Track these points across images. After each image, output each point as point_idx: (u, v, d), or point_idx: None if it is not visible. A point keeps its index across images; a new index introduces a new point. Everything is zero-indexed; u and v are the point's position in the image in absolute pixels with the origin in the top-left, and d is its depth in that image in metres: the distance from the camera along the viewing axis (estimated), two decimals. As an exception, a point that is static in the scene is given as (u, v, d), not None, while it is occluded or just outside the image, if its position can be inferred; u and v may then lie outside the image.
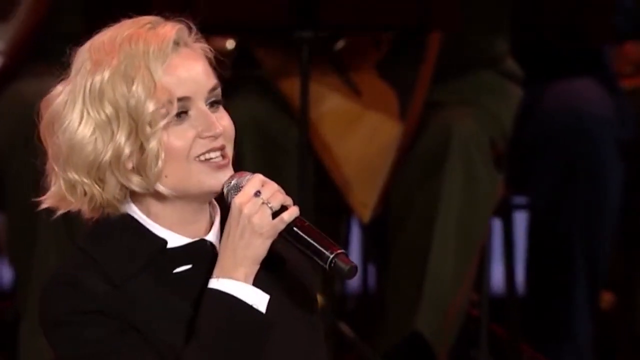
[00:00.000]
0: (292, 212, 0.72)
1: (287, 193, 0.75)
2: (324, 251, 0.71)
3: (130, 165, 0.72)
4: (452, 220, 2.71)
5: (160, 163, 0.70)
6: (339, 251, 0.71)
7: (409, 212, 2.78)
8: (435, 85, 2.82)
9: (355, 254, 3.32)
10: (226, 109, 0.79)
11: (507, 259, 3.07)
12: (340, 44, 2.84)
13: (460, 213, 2.72)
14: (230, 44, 2.88)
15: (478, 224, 2.79)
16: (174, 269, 0.74)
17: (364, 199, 2.78)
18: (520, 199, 3.20)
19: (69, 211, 0.77)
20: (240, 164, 2.75)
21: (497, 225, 3.07)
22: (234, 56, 2.88)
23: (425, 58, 2.79)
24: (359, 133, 2.80)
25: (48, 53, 2.48)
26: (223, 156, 0.75)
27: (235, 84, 2.73)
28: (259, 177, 0.74)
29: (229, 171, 0.76)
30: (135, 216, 0.75)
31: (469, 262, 2.78)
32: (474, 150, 2.75)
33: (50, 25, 2.68)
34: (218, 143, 0.74)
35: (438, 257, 2.69)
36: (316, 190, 2.67)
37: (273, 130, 2.79)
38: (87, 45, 0.74)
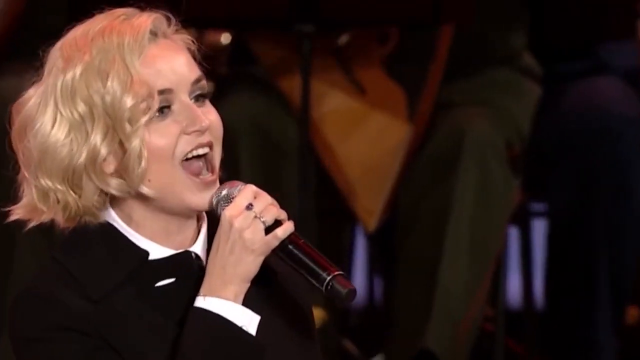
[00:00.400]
0: (287, 228, 0.71)
1: (287, 198, 0.74)
2: (321, 272, 0.70)
3: (110, 168, 0.71)
4: (464, 229, 2.69)
5: (144, 163, 0.70)
6: (336, 272, 0.70)
7: (418, 220, 2.77)
8: (446, 84, 2.81)
9: (359, 264, 3.31)
10: (218, 108, 0.79)
11: (524, 270, 3.05)
12: (343, 39, 2.84)
13: (474, 221, 2.70)
14: (225, 38, 2.89)
15: (493, 232, 2.77)
16: (156, 282, 0.73)
17: (369, 205, 2.77)
18: (538, 206, 3.18)
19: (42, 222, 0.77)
20: (236, 168, 2.76)
21: (513, 233, 3.06)
22: (229, 51, 2.89)
23: (436, 54, 2.79)
24: (364, 134, 2.79)
25: (28, 50, 2.48)
26: (211, 168, 0.75)
27: (230, 81, 2.74)
28: (251, 188, 0.74)
29: (216, 187, 0.75)
30: (116, 224, 0.74)
31: (483, 273, 2.76)
32: (488, 153, 2.74)
33: (30, 21, 2.70)
34: (205, 139, 0.73)
35: (449, 268, 2.67)
36: (318, 195, 2.66)
37: (271, 131, 2.78)
38: (59, 43, 0.74)
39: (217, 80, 2.75)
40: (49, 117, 0.70)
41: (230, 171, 0.71)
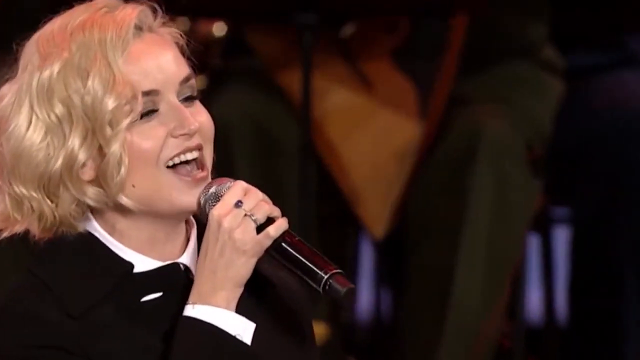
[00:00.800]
0: (280, 225, 0.71)
1: (286, 202, 0.74)
2: (317, 271, 0.70)
3: (88, 175, 0.71)
4: (480, 236, 2.69)
5: (123, 170, 0.69)
6: (334, 271, 0.70)
7: (430, 227, 2.76)
8: (461, 78, 2.80)
9: (365, 275, 3.30)
10: (212, 104, 0.78)
11: (545, 281, 3.04)
12: (348, 30, 2.84)
13: (490, 228, 2.69)
14: (219, 29, 2.88)
15: (511, 240, 2.76)
16: (142, 297, 0.73)
17: (376, 210, 2.77)
18: (561, 211, 3.18)
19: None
20: (230, 169, 2.75)
21: (533, 241, 3.05)
22: (223, 44, 2.88)
23: (449, 46, 2.78)
24: (370, 133, 2.79)
25: (5, 40, 2.49)
26: (200, 166, 0.74)
27: (225, 76, 2.74)
28: (240, 185, 0.73)
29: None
30: (97, 235, 0.74)
31: (500, 285, 2.75)
32: (505, 155, 2.73)
33: (6, 9, 2.70)
34: (193, 142, 0.73)
35: (464, 279, 2.67)
36: (319, 199, 2.66)
37: (269, 129, 2.78)
38: (35, 37, 0.73)
39: (211, 74, 2.75)
40: (24, 118, 0.70)
41: (224, 173, 0.70)
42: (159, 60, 0.72)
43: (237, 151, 2.64)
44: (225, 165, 2.45)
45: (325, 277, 0.69)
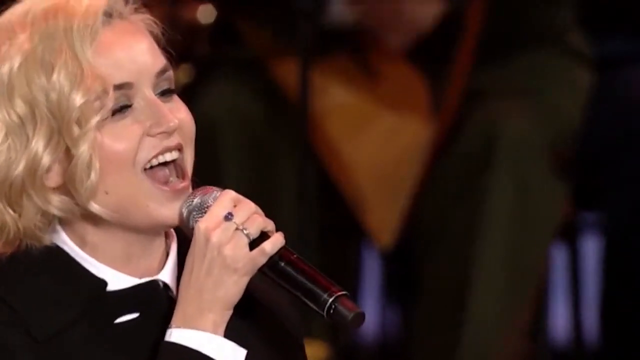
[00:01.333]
0: (276, 241, 0.71)
1: (280, 209, 0.74)
2: (321, 293, 0.69)
3: (53, 181, 0.71)
4: (498, 246, 2.68)
5: (93, 175, 0.68)
6: (339, 293, 0.69)
7: (443, 236, 2.75)
8: (478, 69, 2.80)
9: (370, 290, 3.29)
10: (198, 98, 0.78)
11: (572, 296, 3.03)
12: (352, 16, 2.84)
13: (510, 237, 2.68)
14: (205, 15, 2.88)
15: (533, 250, 2.75)
16: (116, 318, 0.73)
17: (383, 217, 2.76)
18: (590, 217, 3.17)
19: None
20: (217, 172, 2.73)
21: (559, 252, 3.04)
22: (210, 31, 2.88)
23: (464, 33, 2.78)
24: (376, 133, 2.78)
25: None
26: (181, 173, 0.74)
27: (212, 67, 2.73)
28: (229, 195, 0.73)
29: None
30: (66, 248, 0.73)
31: (521, 300, 2.74)
32: (527, 156, 2.72)
33: None
34: (173, 141, 0.72)
35: (480, 293, 2.66)
36: (319, 205, 2.65)
37: (262, 127, 2.77)
38: None
39: (196, 65, 2.75)
40: None
41: (210, 176, 0.69)
42: (132, 51, 0.72)
43: (224, 150, 2.62)
44: (211, 167, 2.44)
45: (330, 300, 0.68)
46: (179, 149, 0.73)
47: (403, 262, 2.94)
